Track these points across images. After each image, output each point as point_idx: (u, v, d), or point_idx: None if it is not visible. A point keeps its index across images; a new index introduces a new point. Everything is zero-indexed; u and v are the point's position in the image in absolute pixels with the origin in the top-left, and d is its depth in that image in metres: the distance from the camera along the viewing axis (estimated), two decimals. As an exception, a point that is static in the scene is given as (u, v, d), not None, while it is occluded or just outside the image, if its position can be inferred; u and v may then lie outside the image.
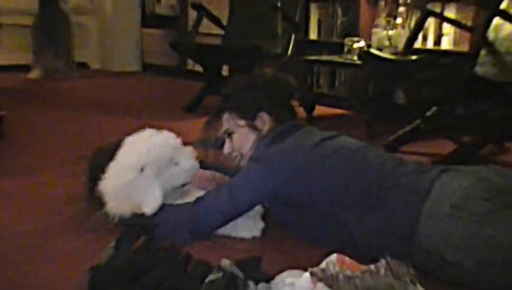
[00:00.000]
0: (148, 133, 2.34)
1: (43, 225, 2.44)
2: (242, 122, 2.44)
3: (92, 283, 1.80)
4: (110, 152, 2.35)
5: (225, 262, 1.79)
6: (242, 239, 2.28)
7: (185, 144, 2.32)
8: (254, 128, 2.43)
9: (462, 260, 1.83)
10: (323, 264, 1.67)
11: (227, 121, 2.48)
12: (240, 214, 2.25)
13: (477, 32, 3.85)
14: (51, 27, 7.02)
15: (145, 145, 2.27)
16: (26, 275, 1.99)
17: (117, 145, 2.36)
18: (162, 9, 7.88)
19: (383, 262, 1.64)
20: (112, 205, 2.27)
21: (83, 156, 2.73)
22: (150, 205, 2.21)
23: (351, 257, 1.73)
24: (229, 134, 2.48)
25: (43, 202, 2.73)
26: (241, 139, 2.46)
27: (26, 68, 7.19)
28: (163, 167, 2.26)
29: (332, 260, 1.68)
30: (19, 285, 1.93)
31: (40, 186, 2.98)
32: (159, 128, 2.39)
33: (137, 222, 2.20)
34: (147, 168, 2.23)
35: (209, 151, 2.61)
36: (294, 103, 2.55)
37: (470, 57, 3.85)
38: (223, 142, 2.52)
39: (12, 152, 3.70)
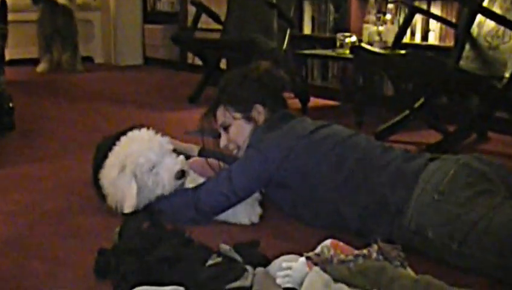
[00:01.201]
0: (140, 135, 2.31)
1: (63, 205, 2.54)
2: (238, 114, 2.43)
3: (97, 266, 1.82)
4: (110, 144, 2.37)
5: (224, 247, 1.79)
6: (241, 225, 2.29)
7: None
8: (249, 119, 2.42)
9: (447, 240, 1.86)
10: (318, 249, 1.67)
11: (223, 114, 2.46)
12: (240, 201, 2.26)
13: (461, 29, 3.85)
14: (56, 21, 6.98)
15: (132, 147, 2.25)
16: (50, 247, 2.08)
17: (115, 138, 2.36)
18: (162, 6, 7.87)
19: (375, 246, 1.64)
20: (108, 198, 2.30)
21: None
22: (127, 204, 2.20)
23: (344, 241, 1.73)
24: (225, 127, 2.47)
25: (63, 184, 2.83)
26: (238, 131, 2.44)
27: (34, 62, 7.17)
28: (144, 173, 2.22)
29: (327, 245, 1.69)
30: (44, 256, 2.00)
31: (60, 170, 3.06)
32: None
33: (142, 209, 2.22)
34: (125, 170, 2.21)
35: (207, 140, 2.60)
36: (290, 95, 2.56)
37: (455, 51, 3.86)
38: (219, 134, 2.52)
39: (27, 141, 3.76)
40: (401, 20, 4.60)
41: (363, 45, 4.14)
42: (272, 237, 2.18)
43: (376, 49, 4.05)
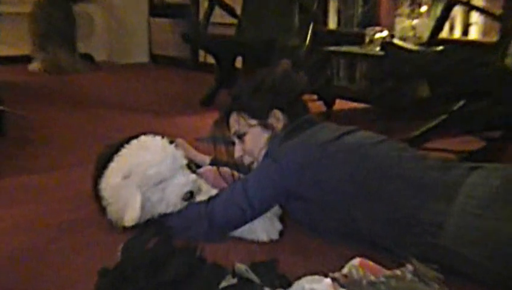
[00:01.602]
0: (154, 143, 2.31)
1: (69, 219, 2.55)
2: (253, 121, 2.45)
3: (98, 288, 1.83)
4: (112, 153, 2.37)
5: (240, 266, 1.80)
6: (258, 241, 2.28)
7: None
8: (267, 126, 2.43)
9: (489, 261, 1.84)
10: (345, 269, 1.67)
11: (237, 121, 2.48)
12: (257, 215, 2.27)
13: (507, 22, 3.83)
14: (51, 15, 6.99)
15: (143, 156, 2.25)
16: (55, 266, 2.09)
17: (120, 145, 2.37)
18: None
19: (408, 267, 1.64)
20: (108, 208, 2.31)
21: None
22: (129, 216, 2.20)
23: (374, 260, 1.73)
24: (240, 136, 2.48)
25: (67, 197, 2.83)
26: (254, 139, 2.45)
27: (25, 59, 7.19)
28: (150, 186, 2.23)
29: (354, 264, 1.69)
30: (49, 276, 2.01)
31: (63, 182, 3.07)
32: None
33: (148, 224, 2.23)
34: (131, 177, 2.21)
35: (220, 148, 2.61)
36: (313, 97, 2.57)
37: (499, 47, 3.84)
38: (233, 142, 2.53)
39: (19, 149, 3.75)
40: (437, 13, 4.60)
41: (395, 41, 4.14)
42: (293, 255, 2.18)
43: (409, 46, 4.05)
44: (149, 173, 2.20)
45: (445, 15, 3.98)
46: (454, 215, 1.92)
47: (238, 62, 5.81)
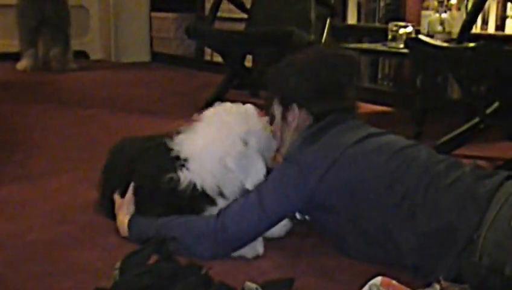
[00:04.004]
0: (251, 110, 2.46)
1: (55, 235, 2.51)
2: (278, 110, 2.46)
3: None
4: (131, 149, 2.50)
5: (250, 286, 1.79)
6: (271, 259, 2.27)
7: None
8: (285, 119, 2.44)
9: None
10: (365, 288, 1.66)
11: (271, 101, 2.52)
12: (272, 226, 2.27)
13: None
14: (42, 7, 6.96)
15: (247, 123, 2.39)
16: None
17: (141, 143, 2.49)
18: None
19: (436, 287, 1.63)
20: (196, 173, 2.34)
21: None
22: (252, 181, 2.33)
23: (399, 280, 1.72)
24: (271, 119, 2.51)
25: (51, 210, 2.79)
26: (275, 128, 2.49)
27: (15, 57, 7.21)
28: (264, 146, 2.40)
29: (376, 284, 1.68)
30: None
31: (47, 193, 3.04)
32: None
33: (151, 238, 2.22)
34: (250, 143, 2.35)
35: None
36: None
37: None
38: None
39: (6, 155, 3.74)
40: (469, 5, 4.59)
41: (422, 36, 4.12)
42: (309, 274, 2.17)
43: (438, 42, 4.04)
44: (264, 138, 2.41)
45: (478, 7, 3.96)
46: (487, 227, 1.90)
47: (249, 62, 5.82)
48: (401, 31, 4.74)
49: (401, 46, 4.56)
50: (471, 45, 3.77)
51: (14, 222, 2.66)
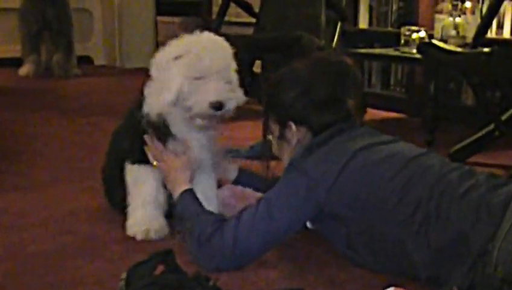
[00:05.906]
0: (213, 39, 2.65)
1: (57, 245, 2.50)
2: (276, 127, 2.45)
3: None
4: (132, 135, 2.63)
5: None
6: (280, 269, 2.27)
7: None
8: (283, 138, 2.44)
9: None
10: (377, 300, 1.67)
11: (269, 119, 2.50)
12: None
13: None
14: (44, 11, 6.94)
15: (197, 45, 2.50)
16: None
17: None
18: (181, -7, 7.93)
19: (450, 297, 1.64)
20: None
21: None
22: (165, 97, 2.44)
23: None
24: (272, 133, 2.50)
25: (53, 220, 2.79)
26: (275, 146, 2.49)
27: (16, 63, 7.20)
28: (192, 77, 2.41)
29: (388, 294, 1.68)
30: None
31: (52, 202, 3.03)
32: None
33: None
34: (181, 60, 2.44)
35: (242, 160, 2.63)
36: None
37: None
38: None
39: (7, 164, 3.74)
40: (484, 9, 4.59)
41: (435, 41, 4.13)
42: (319, 284, 2.17)
43: (452, 47, 4.04)
44: (197, 64, 2.41)
45: (493, 11, 3.96)
46: (501, 238, 1.90)
47: (257, 68, 5.83)
48: (414, 35, 4.74)
49: (414, 51, 4.55)
50: (486, 49, 3.77)
51: (15, 232, 2.65)
